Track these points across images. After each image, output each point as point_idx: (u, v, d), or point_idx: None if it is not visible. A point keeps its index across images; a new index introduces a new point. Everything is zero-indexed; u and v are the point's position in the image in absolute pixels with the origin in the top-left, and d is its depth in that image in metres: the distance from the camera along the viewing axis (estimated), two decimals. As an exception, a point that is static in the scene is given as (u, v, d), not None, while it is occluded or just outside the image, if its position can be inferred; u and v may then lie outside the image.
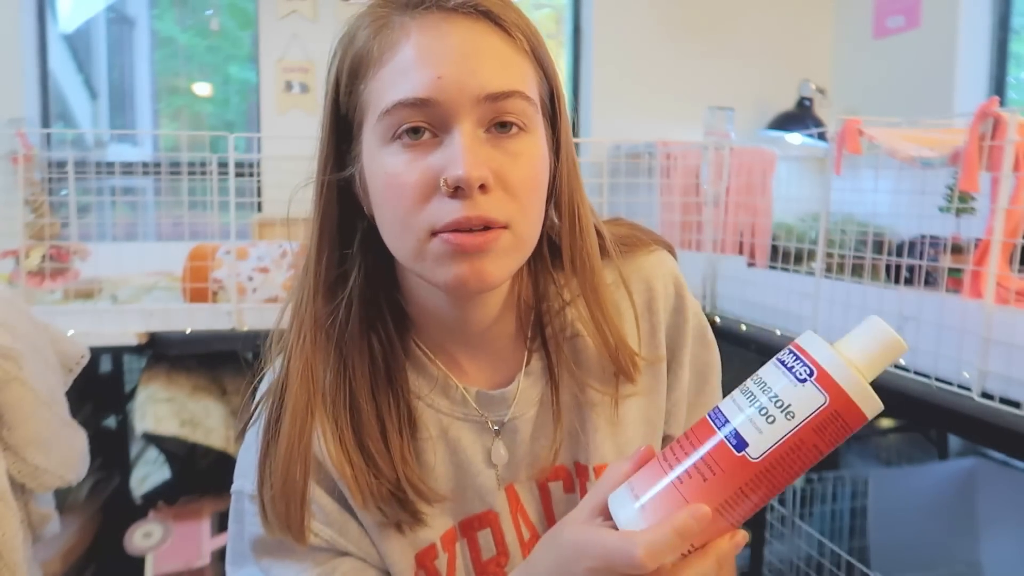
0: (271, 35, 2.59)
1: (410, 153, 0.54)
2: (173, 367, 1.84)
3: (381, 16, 0.56)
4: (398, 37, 0.55)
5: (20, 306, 1.19)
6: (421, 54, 0.53)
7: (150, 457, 1.79)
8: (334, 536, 0.61)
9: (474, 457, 0.65)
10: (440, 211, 0.53)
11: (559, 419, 0.65)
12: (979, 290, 1.14)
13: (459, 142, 0.53)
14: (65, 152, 2.12)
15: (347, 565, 0.61)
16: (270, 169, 2.46)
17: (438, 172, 0.53)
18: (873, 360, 0.45)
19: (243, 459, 0.65)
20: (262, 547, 0.62)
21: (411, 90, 0.53)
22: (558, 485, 0.67)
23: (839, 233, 1.62)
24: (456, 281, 0.55)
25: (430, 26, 0.54)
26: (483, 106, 0.54)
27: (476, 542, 0.65)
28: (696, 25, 2.84)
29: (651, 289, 0.69)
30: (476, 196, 0.53)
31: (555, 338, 0.66)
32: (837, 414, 0.44)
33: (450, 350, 0.66)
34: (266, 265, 1.76)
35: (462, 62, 0.53)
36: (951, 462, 2.05)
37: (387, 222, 0.57)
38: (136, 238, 2.24)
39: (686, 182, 2.18)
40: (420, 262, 0.56)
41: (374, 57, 0.55)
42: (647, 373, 0.68)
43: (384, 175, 0.55)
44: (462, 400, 0.65)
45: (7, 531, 1.06)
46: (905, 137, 1.33)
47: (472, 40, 0.54)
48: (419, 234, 0.54)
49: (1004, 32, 2.37)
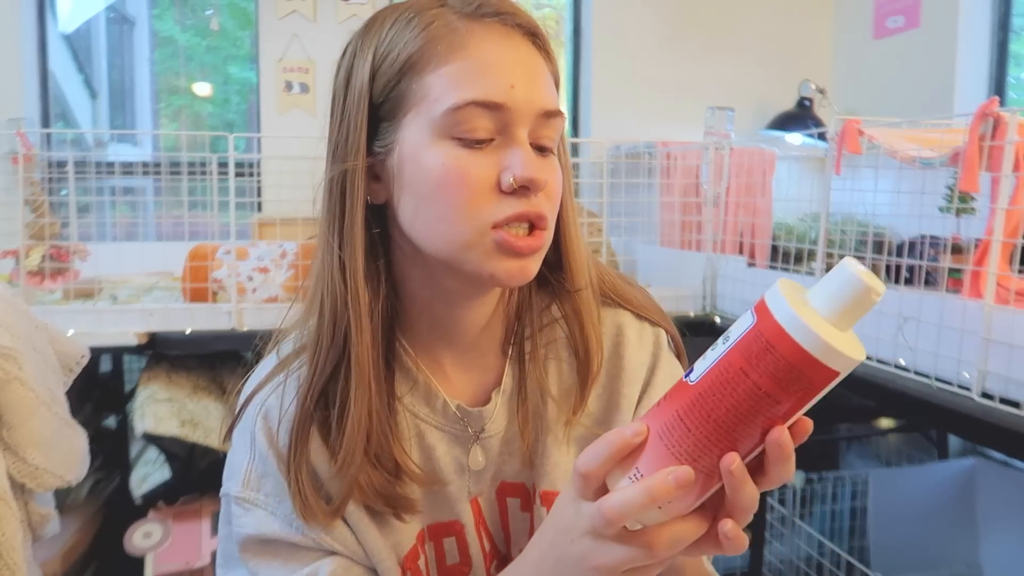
0: (271, 35, 2.59)
1: (470, 149, 0.57)
2: (173, 367, 1.84)
3: (436, 15, 0.59)
4: (464, 39, 0.57)
5: (20, 306, 1.19)
6: (495, 61, 0.57)
7: (150, 457, 1.79)
8: (321, 536, 0.61)
9: (446, 467, 0.66)
10: (502, 206, 0.57)
11: (524, 438, 0.66)
12: (979, 290, 1.14)
13: (526, 147, 0.58)
14: (65, 152, 2.13)
15: (334, 564, 0.62)
16: (270, 169, 2.46)
17: (501, 170, 0.57)
18: (832, 299, 0.42)
19: (231, 461, 0.65)
20: (249, 548, 0.62)
21: (486, 93, 0.56)
22: (516, 502, 0.68)
23: (839, 233, 1.62)
24: (505, 275, 0.58)
25: (497, 36, 0.58)
26: (538, 121, 0.59)
27: (442, 547, 0.66)
28: (696, 25, 2.83)
29: (619, 345, 0.69)
30: (532, 196, 0.58)
31: (532, 356, 0.67)
32: (766, 340, 0.42)
33: (436, 354, 0.67)
34: (266, 265, 1.76)
35: (527, 76, 0.58)
36: (951, 462, 2.05)
37: (436, 212, 0.58)
38: (136, 238, 2.24)
39: (686, 182, 2.18)
40: (467, 252, 0.58)
41: (436, 52, 0.57)
42: (599, 410, 0.68)
43: (440, 166, 0.57)
44: (442, 410, 0.66)
45: (7, 531, 1.06)
46: (905, 137, 1.33)
47: (532, 59, 0.60)
48: (479, 226, 0.57)
49: (1004, 32, 2.37)
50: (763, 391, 0.42)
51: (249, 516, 0.62)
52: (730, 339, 0.44)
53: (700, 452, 0.44)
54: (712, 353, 0.45)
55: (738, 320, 0.45)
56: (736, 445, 0.44)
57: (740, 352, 0.43)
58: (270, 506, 0.62)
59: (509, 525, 0.68)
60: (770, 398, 0.42)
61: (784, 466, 0.44)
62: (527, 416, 0.66)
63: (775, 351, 0.42)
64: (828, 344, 0.41)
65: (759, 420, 0.43)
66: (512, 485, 0.68)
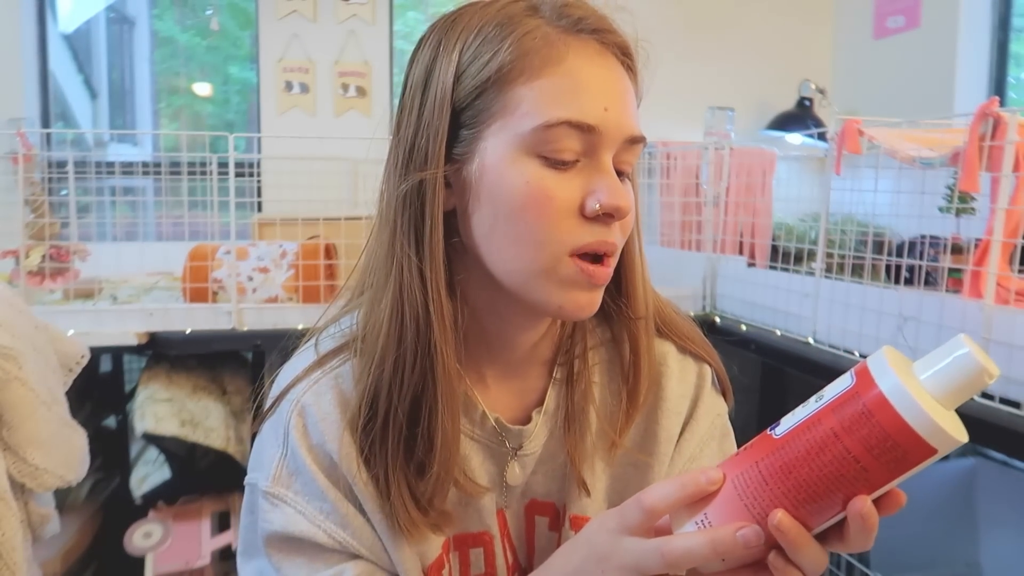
0: (271, 35, 2.59)
1: (555, 171, 0.55)
2: (173, 367, 1.84)
3: (533, 26, 0.56)
4: (561, 54, 0.55)
5: (20, 306, 1.19)
6: (590, 81, 0.55)
7: (150, 457, 1.79)
8: (347, 539, 0.61)
9: (480, 477, 0.65)
10: (582, 232, 0.55)
11: (573, 461, 0.65)
12: (979, 290, 1.14)
13: (612, 173, 0.56)
14: (65, 152, 2.13)
15: (359, 567, 0.61)
16: (270, 169, 2.46)
17: (586, 195, 0.55)
18: (942, 375, 0.41)
19: (260, 452, 0.64)
20: (274, 543, 0.62)
21: (581, 114, 0.54)
22: (544, 521, 0.67)
23: (839, 233, 1.62)
24: (576, 307, 0.57)
25: (592, 55, 0.56)
26: (623, 146, 0.57)
27: (467, 557, 0.66)
28: (696, 25, 2.83)
29: (660, 376, 0.68)
30: (613, 224, 0.56)
31: (578, 379, 0.66)
32: (865, 406, 0.40)
33: (479, 366, 0.66)
34: (266, 265, 1.76)
35: (621, 100, 0.56)
36: (951, 462, 2.05)
37: (515, 231, 0.56)
38: (136, 238, 2.24)
39: (686, 182, 2.18)
40: (539, 279, 0.56)
41: (530, 65, 0.55)
42: (636, 439, 0.68)
43: (525, 184, 0.55)
44: (480, 422, 0.65)
45: (7, 531, 1.06)
46: (905, 137, 1.33)
47: (624, 81, 0.58)
48: (557, 252, 0.55)
49: (1004, 32, 2.37)
50: (852, 456, 0.41)
51: (277, 512, 0.61)
52: (824, 399, 0.43)
53: (774, 508, 0.43)
54: (802, 410, 0.44)
55: (835, 381, 0.44)
56: (813, 506, 0.42)
57: (834, 414, 0.42)
58: (299, 504, 0.61)
59: (535, 542, 0.68)
60: (859, 465, 0.41)
61: (864, 536, 0.43)
62: (574, 440, 0.65)
63: (873, 419, 0.40)
64: (934, 422, 0.39)
65: (843, 486, 0.42)
66: (542, 504, 0.67)
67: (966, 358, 0.40)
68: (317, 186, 2.19)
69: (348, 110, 2.64)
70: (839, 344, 1.44)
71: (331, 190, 2.21)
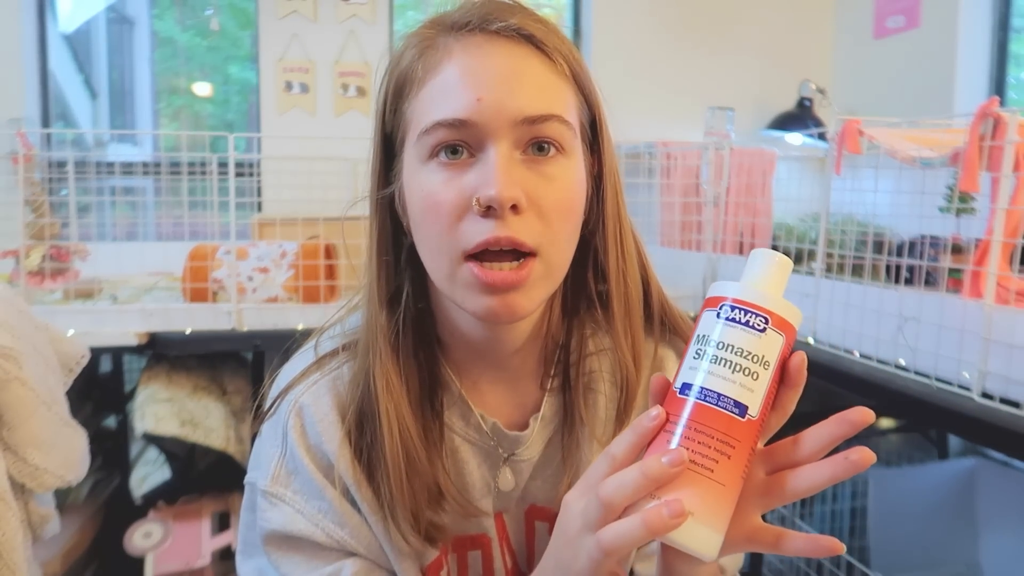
0: (271, 35, 2.59)
1: (447, 172, 0.55)
2: (173, 367, 1.84)
3: (427, 37, 0.58)
4: (441, 58, 0.56)
5: (20, 306, 1.19)
6: (463, 75, 0.54)
7: (150, 457, 1.79)
8: (345, 538, 0.61)
9: (477, 481, 0.65)
10: (471, 231, 0.53)
11: (562, 465, 0.65)
12: (979, 290, 1.14)
13: (493, 162, 0.53)
14: (65, 152, 2.13)
15: (356, 565, 0.62)
16: (270, 169, 2.46)
17: (472, 191, 0.53)
18: (781, 284, 0.49)
19: (260, 451, 0.65)
20: (273, 542, 0.62)
21: (451, 111, 0.53)
22: (544, 526, 0.67)
23: (839, 233, 1.62)
24: (487, 313, 0.55)
25: (473, 48, 0.55)
26: (520, 128, 0.54)
27: (465, 559, 0.66)
28: (696, 25, 2.84)
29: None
30: (507, 217, 0.53)
31: (577, 385, 0.66)
32: (790, 346, 0.47)
33: (473, 373, 0.66)
34: (266, 265, 1.76)
35: (502, 84, 0.54)
36: (951, 462, 2.05)
37: (423, 241, 0.57)
38: (136, 238, 2.24)
39: (686, 182, 2.18)
40: (451, 286, 0.56)
41: (417, 77, 0.57)
42: None
43: (421, 193, 0.55)
44: (477, 426, 0.65)
45: (7, 531, 1.06)
46: (905, 137, 1.33)
47: (513, 63, 0.55)
48: (452, 256, 0.55)
49: (1004, 32, 2.37)
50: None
51: (275, 511, 0.62)
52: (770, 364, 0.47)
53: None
54: (755, 383, 0.46)
55: (756, 338, 0.47)
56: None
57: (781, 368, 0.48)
58: (297, 504, 0.62)
59: (535, 546, 0.68)
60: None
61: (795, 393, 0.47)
62: (570, 447, 0.65)
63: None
64: (777, 298, 0.48)
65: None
66: (542, 510, 0.67)
67: (766, 254, 0.49)
68: (317, 186, 2.19)
69: (348, 110, 2.64)
70: (839, 344, 1.44)
71: (331, 190, 2.21)
